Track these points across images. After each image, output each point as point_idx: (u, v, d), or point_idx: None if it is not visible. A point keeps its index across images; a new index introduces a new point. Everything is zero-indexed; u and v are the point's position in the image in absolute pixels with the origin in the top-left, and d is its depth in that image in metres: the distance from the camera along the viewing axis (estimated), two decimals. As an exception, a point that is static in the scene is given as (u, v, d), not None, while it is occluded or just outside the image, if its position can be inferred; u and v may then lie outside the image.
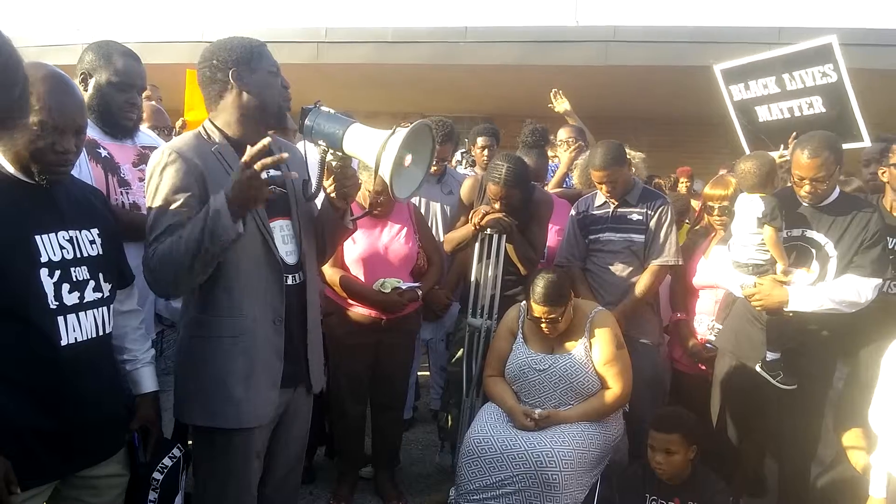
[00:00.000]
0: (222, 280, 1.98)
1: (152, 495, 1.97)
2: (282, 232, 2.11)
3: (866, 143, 3.13)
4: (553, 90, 5.13)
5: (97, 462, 1.86)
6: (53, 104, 1.66)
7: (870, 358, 2.75)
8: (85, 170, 2.22)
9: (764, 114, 3.43)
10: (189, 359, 2.05)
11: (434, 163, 3.68)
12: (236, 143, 2.04)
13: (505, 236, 3.33)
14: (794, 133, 3.11)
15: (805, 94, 3.26)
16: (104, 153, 2.35)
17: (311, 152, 2.14)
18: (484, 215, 3.31)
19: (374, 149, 1.86)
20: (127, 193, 2.37)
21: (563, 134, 4.65)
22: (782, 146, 3.45)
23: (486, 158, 4.40)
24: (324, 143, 1.98)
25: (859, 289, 2.65)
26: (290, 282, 2.10)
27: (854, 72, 3.06)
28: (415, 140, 1.92)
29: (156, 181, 1.92)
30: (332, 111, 2.00)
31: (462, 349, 3.43)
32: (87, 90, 2.33)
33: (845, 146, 3.13)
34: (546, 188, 4.07)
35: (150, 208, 1.94)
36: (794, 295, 2.70)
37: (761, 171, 2.81)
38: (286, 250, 2.10)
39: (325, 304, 3.27)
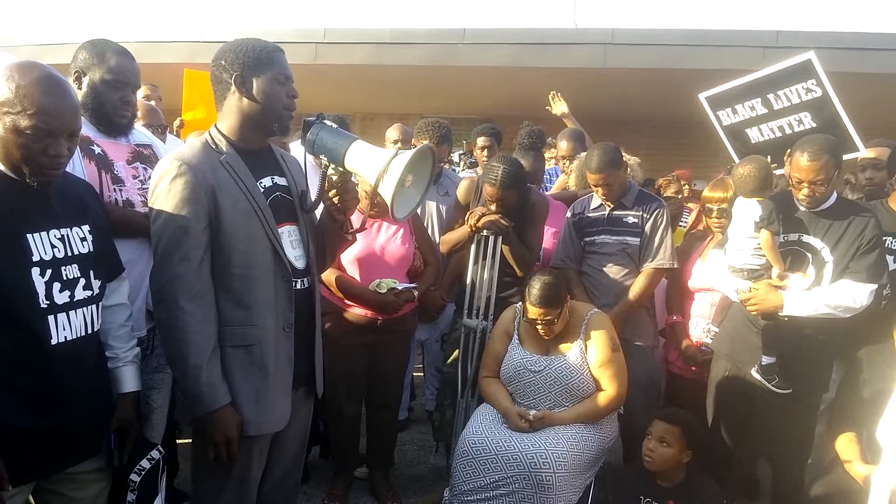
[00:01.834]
0: (233, 292, 1.98)
1: (130, 496, 1.95)
2: (290, 237, 2.11)
3: (862, 152, 3.12)
4: (551, 92, 5.12)
5: (84, 459, 1.85)
6: (48, 108, 1.62)
7: (865, 361, 2.75)
8: (79, 167, 2.21)
9: (755, 135, 3.42)
10: None
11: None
12: (241, 149, 2.04)
13: (501, 238, 3.33)
14: (788, 151, 3.11)
15: (793, 111, 3.25)
16: (98, 151, 2.34)
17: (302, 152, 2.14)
18: (480, 217, 3.31)
19: (377, 169, 1.87)
20: (121, 191, 2.36)
21: (564, 149, 4.59)
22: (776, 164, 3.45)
23: (486, 158, 4.39)
24: (325, 158, 1.98)
25: (855, 294, 2.65)
26: (298, 286, 2.11)
27: (845, 76, 3.06)
28: (416, 162, 1.93)
29: (164, 190, 1.90)
30: (334, 125, 2.00)
31: (457, 350, 3.43)
32: (81, 88, 2.33)
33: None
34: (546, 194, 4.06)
35: (157, 216, 1.92)
36: (789, 300, 2.70)
37: (759, 176, 2.81)
38: (294, 255, 2.11)
39: (322, 304, 3.27)
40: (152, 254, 1.98)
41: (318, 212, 2.25)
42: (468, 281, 3.43)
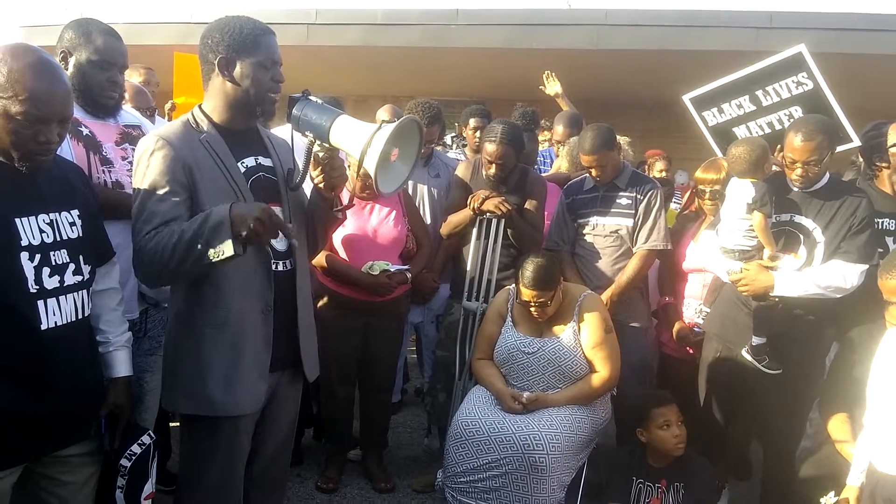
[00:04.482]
0: (208, 272, 1.95)
1: (120, 481, 1.95)
2: None
3: (855, 142, 3.10)
4: (546, 72, 5.08)
5: (73, 443, 1.85)
6: (39, 94, 1.61)
7: (857, 341, 2.76)
8: (66, 148, 2.19)
9: (743, 134, 3.36)
10: (176, 348, 2.04)
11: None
12: (223, 129, 2.02)
13: (503, 221, 3.34)
14: (779, 146, 3.09)
15: (783, 106, 3.20)
16: (86, 132, 2.32)
17: (298, 136, 2.11)
18: (483, 200, 3.31)
19: (360, 143, 1.84)
20: (109, 172, 2.35)
21: (560, 134, 4.54)
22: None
23: (477, 140, 4.37)
24: (311, 135, 1.95)
25: (845, 274, 2.65)
26: (279, 268, 2.09)
27: (839, 57, 3.03)
28: (402, 135, 1.90)
29: (143, 166, 1.90)
30: (319, 101, 1.97)
31: (456, 332, 3.43)
32: (67, 69, 2.30)
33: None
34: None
35: (136, 192, 1.92)
36: (779, 280, 2.70)
37: (751, 157, 2.80)
38: None
39: (315, 287, 3.26)
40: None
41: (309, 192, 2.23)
42: (469, 264, 3.43)
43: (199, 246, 1.75)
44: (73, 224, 1.82)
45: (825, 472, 2.68)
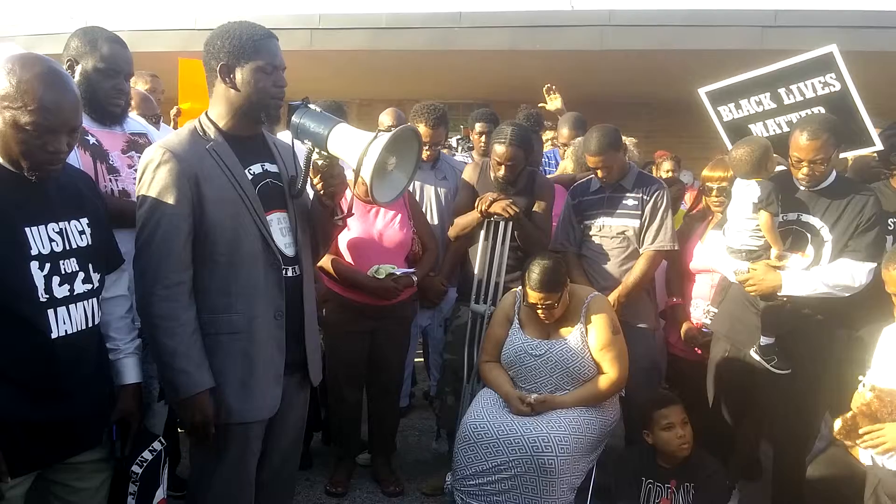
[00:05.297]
0: (218, 280, 1.98)
1: (132, 488, 1.97)
2: (279, 224, 2.10)
3: (878, 146, 3.05)
4: (546, 85, 5.04)
5: (84, 450, 1.86)
6: (48, 105, 1.61)
7: (867, 340, 2.75)
8: (73, 157, 2.19)
9: (759, 131, 3.30)
10: None
11: (427, 147, 3.67)
12: (230, 136, 2.04)
13: (511, 223, 3.33)
14: None
15: (805, 105, 3.12)
16: (92, 140, 2.33)
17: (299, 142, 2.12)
18: (491, 202, 3.31)
19: (357, 151, 1.85)
20: (116, 181, 2.35)
21: (565, 136, 4.54)
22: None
23: (483, 144, 4.38)
24: (309, 143, 1.96)
25: (854, 273, 2.64)
26: (289, 274, 2.10)
27: (844, 55, 2.99)
28: (399, 145, 1.91)
29: (148, 178, 1.92)
30: (319, 109, 1.98)
31: (464, 335, 3.43)
32: (73, 77, 2.30)
33: (856, 152, 3.09)
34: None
35: (141, 201, 1.93)
36: (787, 280, 2.69)
37: (753, 157, 2.79)
38: (284, 242, 2.10)
39: (322, 291, 3.27)
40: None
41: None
42: (476, 266, 3.43)
43: (159, 369, 2.00)
44: (82, 232, 1.82)
45: (835, 472, 2.66)
